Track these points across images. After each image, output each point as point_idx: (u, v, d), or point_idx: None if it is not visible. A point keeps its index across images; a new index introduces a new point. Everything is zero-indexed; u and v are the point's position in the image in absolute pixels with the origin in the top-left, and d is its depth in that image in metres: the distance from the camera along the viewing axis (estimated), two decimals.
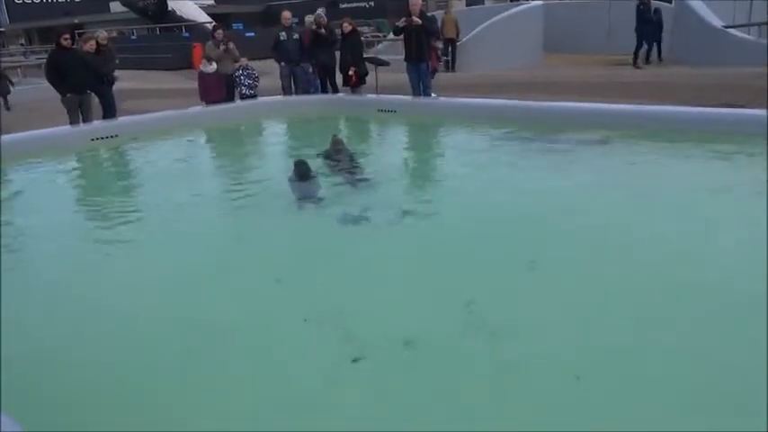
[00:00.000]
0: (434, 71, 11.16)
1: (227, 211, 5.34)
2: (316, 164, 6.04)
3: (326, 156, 6.50)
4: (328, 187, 5.60)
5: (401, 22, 9.52)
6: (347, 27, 10.19)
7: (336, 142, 6.64)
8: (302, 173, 5.60)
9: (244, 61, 10.43)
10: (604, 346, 2.92)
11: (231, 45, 10.28)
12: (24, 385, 2.79)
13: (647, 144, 6.59)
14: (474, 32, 15.99)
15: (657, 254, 3.90)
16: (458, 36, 15.83)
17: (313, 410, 2.56)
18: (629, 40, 14.14)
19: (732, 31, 13.66)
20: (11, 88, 15.72)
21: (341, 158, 6.41)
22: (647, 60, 14.44)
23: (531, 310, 3.29)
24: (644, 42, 14.09)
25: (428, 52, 9.81)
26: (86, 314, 3.54)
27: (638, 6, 13.81)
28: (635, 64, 14.13)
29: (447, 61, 15.76)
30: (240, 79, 10.34)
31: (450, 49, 15.83)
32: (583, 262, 3.87)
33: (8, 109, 15.33)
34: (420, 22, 9.16)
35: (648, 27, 13.89)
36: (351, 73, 10.25)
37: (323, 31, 10.49)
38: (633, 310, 3.22)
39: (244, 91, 10.35)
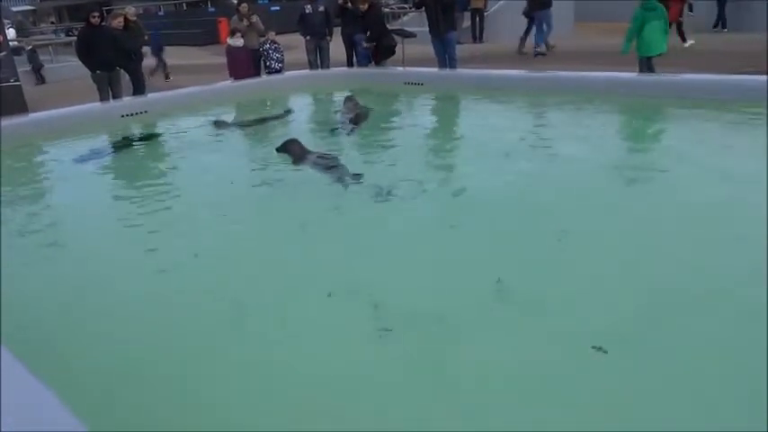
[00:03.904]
0: None
1: (256, 185, 5.35)
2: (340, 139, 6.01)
3: (352, 121, 6.48)
4: (355, 158, 5.57)
5: None
6: (363, 6, 10.03)
7: (353, 105, 6.59)
8: (296, 151, 5.65)
9: (271, 35, 10.36)
10: (632, 321, 2.87)
11: (256, 19, 10.23)
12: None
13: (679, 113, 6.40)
14: (502, 1, 15.65)
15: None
16: (485, 6, 15.52)
17: (342, 383, 2.57)
18: None
19: None
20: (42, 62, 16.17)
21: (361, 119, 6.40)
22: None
23: (561, 283, 3.24)
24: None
25: (453, 23, 9.68)
26: (116, 289, 3.58)
27: None
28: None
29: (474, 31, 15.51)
30: (269, 53, 10.29)
31: (477, 19, 15.56)
32: (615, 234, 3.79)
33: (43, 82, 15.70)
34: None
35: None
36: (366, 45, 10.15)
37: (349, 5, 10.41)
38: (667, 285, 3.15)
39: (273, 65, 10.31)
